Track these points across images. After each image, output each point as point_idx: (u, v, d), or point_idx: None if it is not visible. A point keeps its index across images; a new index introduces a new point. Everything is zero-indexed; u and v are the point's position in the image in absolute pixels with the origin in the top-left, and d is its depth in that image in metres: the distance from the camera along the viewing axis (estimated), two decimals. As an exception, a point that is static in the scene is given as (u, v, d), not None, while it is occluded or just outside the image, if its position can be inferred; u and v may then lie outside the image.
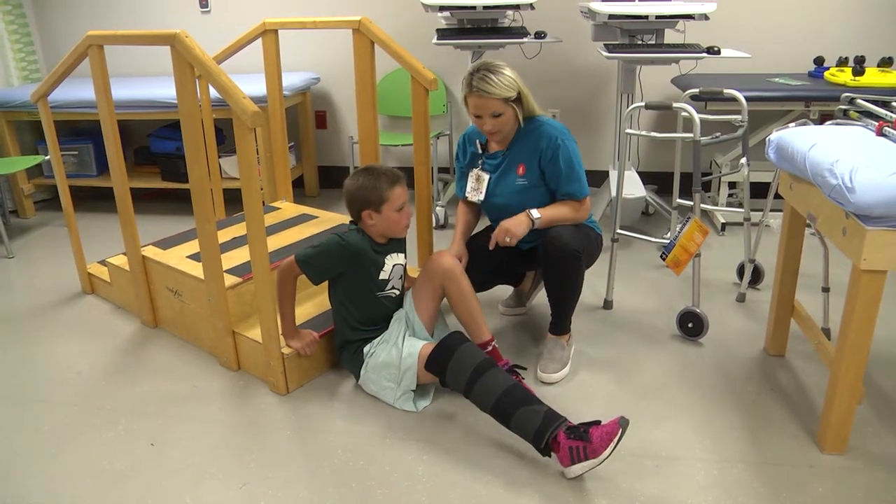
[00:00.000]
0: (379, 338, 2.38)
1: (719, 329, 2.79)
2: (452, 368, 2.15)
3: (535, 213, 2.38)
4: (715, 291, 3.11)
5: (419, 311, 2.38)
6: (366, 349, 2.37)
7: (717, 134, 2.76)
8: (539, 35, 3.66)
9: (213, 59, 3.19)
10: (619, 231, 2.92)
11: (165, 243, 2.95)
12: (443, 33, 3.62)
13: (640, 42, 3.55)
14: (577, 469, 1.93)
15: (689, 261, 2.65)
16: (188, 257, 2.76)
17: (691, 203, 2.72)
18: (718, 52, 3.32)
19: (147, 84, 4.33)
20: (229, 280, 2.53)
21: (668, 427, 2.21)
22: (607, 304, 2.99)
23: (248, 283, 2.58)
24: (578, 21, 4.04)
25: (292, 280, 2.33)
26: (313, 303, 2.73)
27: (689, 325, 2.71)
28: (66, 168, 4.39)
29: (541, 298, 3.00)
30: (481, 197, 2.58)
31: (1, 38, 4.38)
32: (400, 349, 2.29)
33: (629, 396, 2.37)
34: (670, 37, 3.59)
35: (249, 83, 3.91)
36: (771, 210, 3.09)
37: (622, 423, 1.91)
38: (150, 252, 2.83)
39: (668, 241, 2.72)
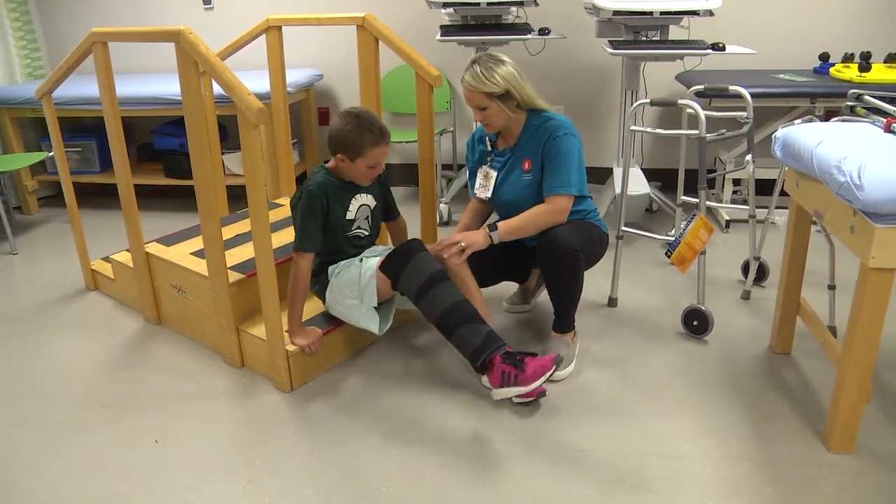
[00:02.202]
0: (347, 260, 2.47)
1: (724, 327, 2.78)
2: (407, 273, 2.24)
3: (494, 234, 2.36)
4: (720, 289, 3.10)
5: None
6: (330, 268, 2.46)
7: (723, 131, 2.75)
8: (543, 31, 3.64)
9: (218, 55, 3.20)
10: (623, 228, 2.91)
11: (169, 240, 2.95)
12: (446, 30, 3.61)
13: (644, 38, 3.53)
14: (503, 392, 2.09)
15: (694, 258, 2.64)
16: (192, 254, 2.76)
17: (696, 200, 2.71)
18: (723, 49, 3.30)
19: (150, 80, 4.32)
20: (233, 277, 2.53)
21: (674, 425, 2.20)
22: (612, 302, 2.98)
23: (251, 280, 2.57)
24: (582, 17, 4.03)
25: (307, 271, 2.37)
26: (312, 301, 2.72)
27: (695, 322, 2.70)
28: (70, 164, 4.35)
29: (545, 296, 2.99)
30: (489, 194, 2.57)
31: (5, 34, 4.37)
32: (359, 266, 2.38)
33: (634, 394, 2.37)
34: (674, 33, 3.58)
35: (252, 80, 3.88)
36: (776, 207, 3.07)
37: (556, 360, 2.06)
38: (154, 249, 2.83)
39: (672, 239, 2.71)
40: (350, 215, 2.46)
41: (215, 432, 2.23)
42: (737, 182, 4.03)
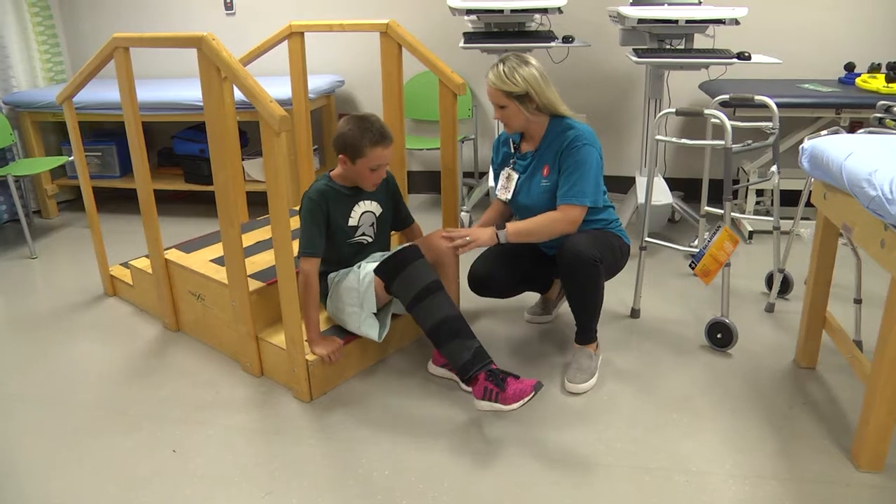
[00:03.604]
0: (346, 269, 2.49)
1: (748, 340, 2.73)
2: (403, 279, 2.28)
3: (501, 234, 2.38)
4: (743, 301, 3.06)
5: None
6: (330, 276, 2.50)
7: (749, 141, 2.71)
8: (567, 39, 3.62)
9: (240, 61, 3.20)
10: (647, 239, 2.87)
11: (188, 247, 2.94)
12: (469, 37, 3.59)
13: (668, 47, 3.50)
14: (484, 405, 2.16)
15: (718, 270, 2.60)
16: (211, 261, 2.75)
17: (720, 211, 2.67)
18: (749, 58, 3.26)
19: (170, 86, 4.33)
20: (253, 285, 2.51)
21: (698, 440, 2.16)
22: (634, 313, 2.94)
23: (271, 288, 2.55)
24: (606, 25, 4.00)
25: (315, 276, 2.38)
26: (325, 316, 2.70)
27: (718, 335, 2.65)
28: (90, 169, 4.41)
29: (567, 306, 2.96)
30: (509, 196, 2.55)
31: (28, 39, 4.40)
32: (357, 272, 2.40)
33: (658, 408, 2.33)
34: (699, 42, 3.54)
35: (274, 86, 3.89)
36: (801, 218, 3.02)
37: (536, 387, 2.11)
38: (174, 256, 2.82)
39: (697, 250, 2.67)
40: (352, 222, 2.47)
41: (234, 442, 2.21)
42: (760, 193, 3.97)
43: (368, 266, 2.40)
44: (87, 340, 2.87)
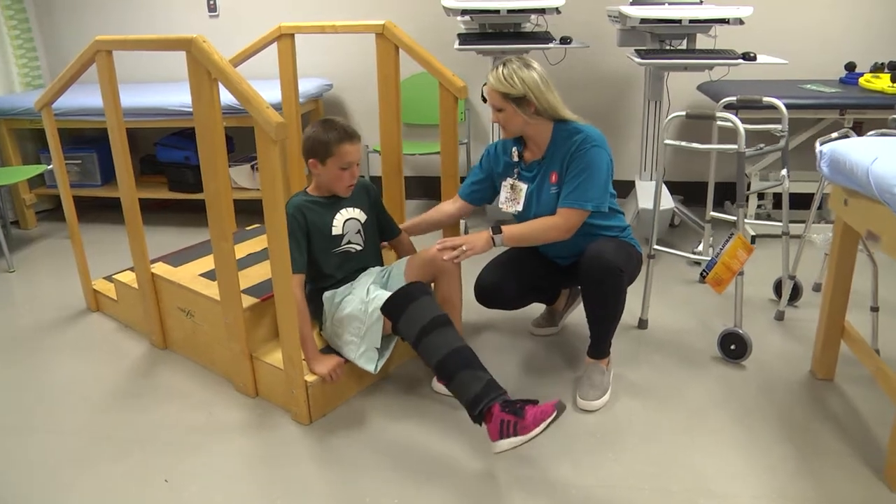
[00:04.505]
0: (344, 287, 2.38)
1: (761, 350, 2.64)
2: (408, 316, 2.14)
3: (497, 238, 2.26)
4: (751, 309, 2.96)
5: (406, 276, 2.40)
6: (326, 295, 2.38)
7: (761, 145, 2.62)
8: (564, 40, 3.52)
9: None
10: (655, 247, 2.77)
11: (176, 259, 2.80)
12: (464, 38, 3.48)
13: (668, 47, 3.41)
14: (504, 444, 1.90)
15: (731, 279, 2.51)
16: (201, 275, 2.61)
17: (727, 217, 2.57)
18: (754, 59, 3.17)
19: (153, 90, 4.18)
20: (247, 301, 2.38)
21: (719, 459, 2.06)
22: (642, 324, 2.84)
23: (265, 304, 2.42)
24: (603, 26, 3.91)
25: (300, 292, 2.27)
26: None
27: (732, 346, 2.56)
28: (69, 178, 4.21)
29: (573, 318, 2.85)
30: (519, 208, 2.43)
31: (3, 42, 4.23)
32: (365, 302, 2.26)
33: (674, 425, 2.22)
34: (700, 42, 3.45)
35: (261, 90, 3.76)
36: (814, 223, 2.94)
37: (558, 407, 1.89)
38: (160, 270, 2.68)
39: (707, 258, 2.57)
40: (336, 230, 2.37)
41: (230, 469, 2.08)
42: (761, 196, 3.90)
43: (375, 294, 2.27)
44: (69, 360, 2.72)
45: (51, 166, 3.89)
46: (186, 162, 4.11)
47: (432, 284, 2.43)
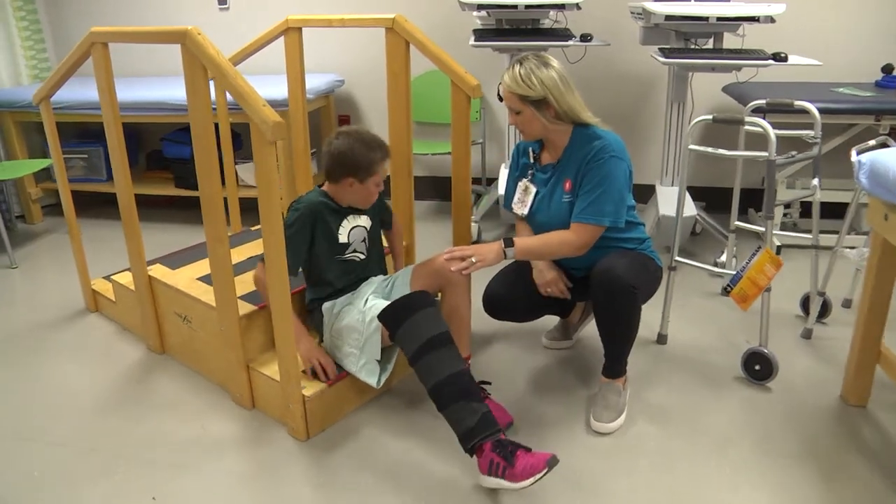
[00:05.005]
0: (345, 297, 2.27)
1: (787, 370, 2.48)
2: (408, 329, 2.00)
3: (509, 251, 2.10)
4: (776, 325, 2.79)
5: (412, 286, 2.27)
6: (326, 306, 2.26)
7: (793, 153, 2.46)
8: (584, 38, 3.37)
9: (232, 58, 2.95)
10: (677, 258, 2.62)
11: (174, 261, 2.69)
12: (480, 34, 3.34)
13: (694, 46, 3.25)
14: (490, 481, 1.83)
15: (758, 296, 2.36)
16: (198, 279, 2.50)
17: (751, 227, 2.42)
18: (785, 59, 3.00)
19: (162, 84, 4.08)
20: (244, 308, 2.26)
21: (742, 494, 1.91)
22: (661, 339, 2.69)
23: (262, 312, 2.30)
24: (625, 23, 3.75)
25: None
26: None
27: (756, 367, 2.41)
28: (75, 172, 4.16)
29: (589, 331, 2.71)
30: (525, 211, 2.29)
31: (10, 34, 4.14)
32: (363, 311, 2.15)
33: (694, 452, 2.08)
34: (727, 41, 3.29)
35: (270, 85, 3.65)
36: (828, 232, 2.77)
37: (549, 463, 1.77)
38: (158, 272, 2.57)
39: (733, 272, 2.42)
40: (342, 238, 2.25)
41: (221, 488, 1.96)
42: (787, 204, 3.72)
43: (374, 303, 2.15)
44: (63, 364, 2.62)
45: (55, 160, 3.81)
46: (192, 158, 3.98)
47: (439, 294, 2.30)
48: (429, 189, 4.45)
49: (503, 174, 3.71)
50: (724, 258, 3.27)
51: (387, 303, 2.08)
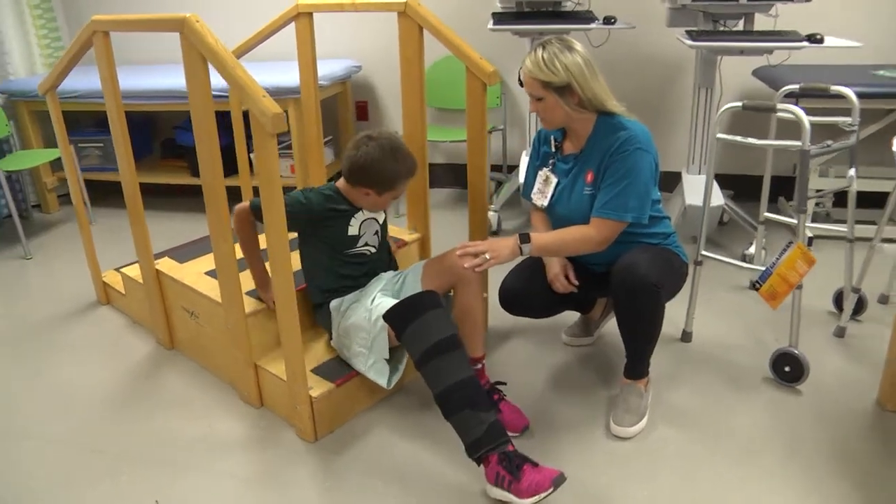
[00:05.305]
0: (352, 295, 2.18)
1: (818, 371, 2.35)
2: (415, 330, 1.90)
3: (525, 248, 1.98)
4: (807, 322, 2.65)
5: (423, 283, 2.18)
6: (333, 304, 2.17)
7: (829, 142, 2.32)
8: (608, 20, 3.23)
9: (243, 45, 2.87)
10: (703, 252, 2.50)
11: (183, 254, 2.63)
12: (499, 18, 3.22)
13: (723, 28, 3.10)
14: (496, 493, 1.78)
15: (788, 293, 2.23)
16: (206, 273, 2.43)
17: (783, 219, 2.29)
18: (822, 41, 2.84)
19: (178, 72, 3.98)
20: (250, 305, 2.19)
21: (771, 504, 1.81)
22: (686, 336, 2.57)
23: (270, 309, 2.23)
24: (649, 4, 3.60)
25: (250, 226, 2.14)
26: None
27: (786, 368, 2.29)
28: (91, 161, 4.12)
29: (611, 327, 2.60)
30: (545, 202, 2.19)
31: (24, 22, 4.10)
32: (369, 310, 2.06)
33: (719, 458, 1.97)
34: (758, 22, 3.13)
35: (284, 72, 3.57)
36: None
37: (556, 482, 1.70)
38: (165, 266, 2.51)
39: (763, 269, 2.30)
40: (353, 230, 2.15)
41: (227, 491, 1.90)
42: (818, 193, 3.57)
43: (380, 301, 2.06)
44: (72, 358, 2.58)
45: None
46: (206, 147, 3.92)
47: (452, 291, 2.21)
48: (448, 177, 4.35)
49: (524, 162, 3.60)
50: (752, 250, 3.14)
51: (394, 301, 1.99)
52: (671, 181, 3.68)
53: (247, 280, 2.23)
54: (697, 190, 3.20)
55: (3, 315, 2.94)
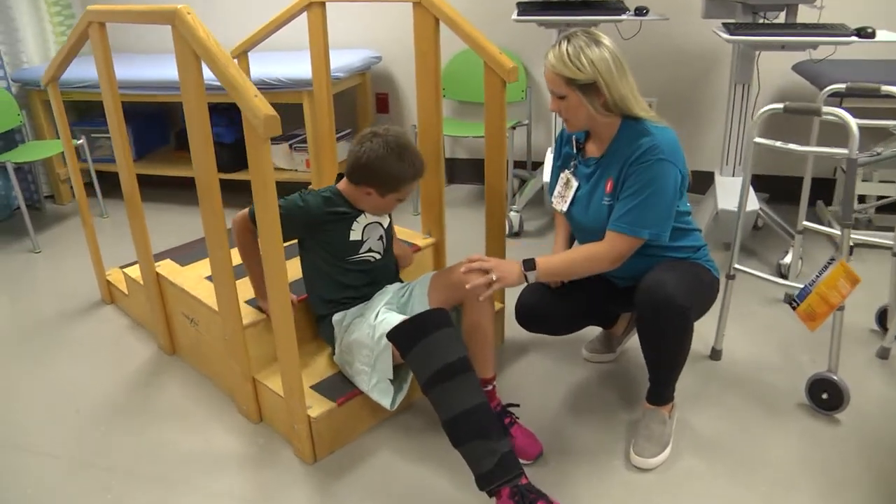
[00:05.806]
0: (356, 308, 2.05)
1: (859, 397, 2.17)
2: (420, 352, 1.77)
3: (530, 275, 1.84)
4: (847, 341, 2.44)
5: (430, 298, 2.04)
6: (336, 317, 2.05)
7: (878, 150, 2.13)
8: (640, 11, 3.05)
9: (253, 36, 2.75)
10: (736, 266, 2.32)
11: (185, 255, 2.52)
12: (524, 8, 3.05)
13: (763, 21, 2.90)
14: None
15: (828, 314, 2.05)
16: (207, 278, 2.31)
17: (824, 229, 2.10)
18: (873, 35, 2.62)
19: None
20: (248, 316, 2.07)
21: (807, 551, 1.65)
22: (715, 354, 2.40)
23: (269, 320, 2.10)
24: (685, -5, 3.41)
25: (250, 234, 1.99)
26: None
27: (824, 395, 2.11)
28: (103, 152, 4.03)
29: (634, 343, 2.44)
30: (564, 207, 2.03)
31: (39, 10, 4.00)
32: (373, 326, 1.93)
33: (749, 495, 1.81)
34: (801, 14, 2.92)
35: (299, 62, 3.44)
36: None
37: None
38: (165, 269, 2.40)
39: (801, 286, 2.12)
40: (355, 235, 2.02)
41: (215, 517, 1.79)
42: (861, 199, 3.36)
43: (384, 317, 1.92)
44: (70, 362, 2.49)
45: (81, 141, 3.69)
46: (218, 139, 3.81)
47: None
48: (470, 172, 4.19)
49: (549, 159, 3.43)
50: (788, 259, 2.95)
51: (399, 317, 1.85)
52: (703, 181, 3.48)
53: (246, 288, 2.11)
54: (731, 193, 3.01)
55: (4, 311, 2.86)
